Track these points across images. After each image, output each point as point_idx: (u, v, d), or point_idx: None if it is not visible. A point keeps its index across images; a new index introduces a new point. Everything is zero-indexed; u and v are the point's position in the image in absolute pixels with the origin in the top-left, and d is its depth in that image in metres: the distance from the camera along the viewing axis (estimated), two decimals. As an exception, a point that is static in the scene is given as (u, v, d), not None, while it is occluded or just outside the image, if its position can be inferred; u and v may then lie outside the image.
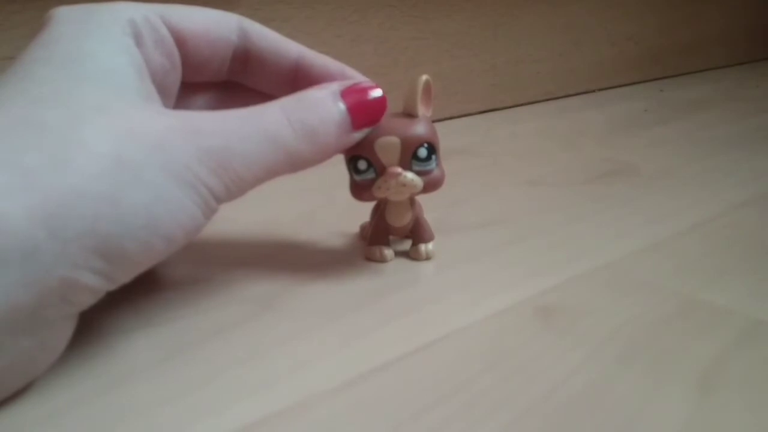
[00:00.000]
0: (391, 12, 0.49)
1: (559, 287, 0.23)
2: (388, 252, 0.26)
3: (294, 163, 0.20)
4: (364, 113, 0.22)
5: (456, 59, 0.54)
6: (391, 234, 0.26)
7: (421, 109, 0.23)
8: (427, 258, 0.26)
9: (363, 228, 0.28)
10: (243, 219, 0.30)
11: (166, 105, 0.22)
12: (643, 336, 0.20)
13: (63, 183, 0.15)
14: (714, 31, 0.80)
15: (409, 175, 0.23)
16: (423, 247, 0.26)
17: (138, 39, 0.20)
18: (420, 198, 0.25)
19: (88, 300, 0.17)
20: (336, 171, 0.26)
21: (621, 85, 0.69)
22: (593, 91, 0.66)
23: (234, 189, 0.19)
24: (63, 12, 0.19)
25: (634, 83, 0.71)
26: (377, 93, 0.22)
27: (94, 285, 0.16)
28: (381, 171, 0.23)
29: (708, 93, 0.65)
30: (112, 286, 0.17)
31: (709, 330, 0.20)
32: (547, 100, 0.62)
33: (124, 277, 0.17)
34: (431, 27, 0.51)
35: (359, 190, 0.24)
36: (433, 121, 0.24)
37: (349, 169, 0.24)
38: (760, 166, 0.38)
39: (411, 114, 0.23)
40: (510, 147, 0.45)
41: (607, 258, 0.26)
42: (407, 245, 0.26)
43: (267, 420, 0.16)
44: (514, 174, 0.38)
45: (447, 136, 0.31)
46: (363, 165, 0.23)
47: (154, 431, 0.16)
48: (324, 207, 0.32)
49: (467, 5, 0.53)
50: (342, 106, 0.21)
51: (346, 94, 0.21)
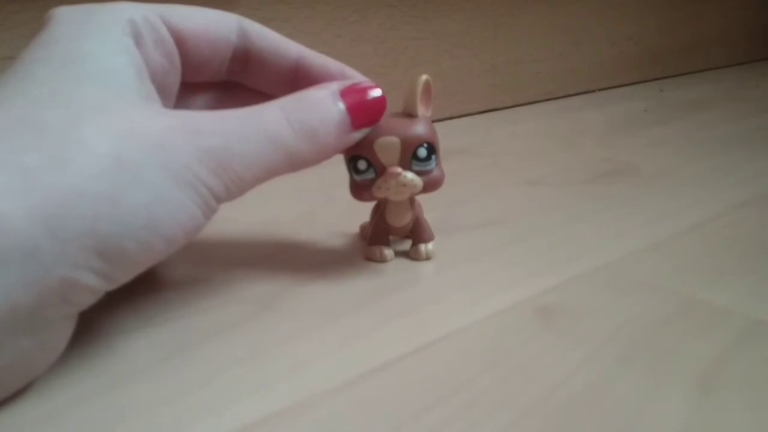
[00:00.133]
0: (391, 12, 0.49)
1: (559, 287, 0.23)
2: (388, 252, 0.26)
3: (294, 163, 0.20)
4: (363, 113, 0.22)
5: (456, 59, 0.54)
6: (391, 234, 0.26)
7: (421, 109, 0.23)
8: (427, 258, 0.26)
9: (363, 228, 0.28)
10: (243, 219, 0.30)
11: (166, 105, 0.22)
12: (643, 336, 0.20)
13: (63, 183, 0.15)
14: (714, 31, 0.80)
15: (409, 175, 0.23)
16: (423, 247, 0.26)
17: (138, 39, 0.20)
18: (420, 198, 0.25)
19: (88, 300, 0.17)
20: (336, 171, 0.26)
21: (621, 85, 0.69)
22: (593, 91, 0.66)
23: (234, 189, 0.19)
24: (63, 12, 0.19)
25: (634, 83, 0.71)
26: (377, 93, 0.22)
27: (94, 285, 0.16)
28: (381, 171, 0.23)
29: (708, 93, 0.65)
30: (112, 286, 0.17)
31: (709, 330, 0.20)
32: (547, 100, 0.62)
33: (124, 277, 0.17)
34: (431, 27, 0.51)
35: (359, 190, 0.24)
36: (433, 121, 0.24)
37: (349, 169, 0.24)
38: (760, 166, 0.38)
39: (411, 114, 0.23)
40: (510, 147, 0.45)
41: (607, 258, 0.26)
42: (407, 245, 0.26)
43: (267, 420, 0.16)
44: (514, 174, 0.38)
45: (447, 136, 0.31)
46: (363, 165, 0.23)
47: (154, 431, 0.16)
48: (324, 207, 0.32)
49: (467, 5, 0.53)
50: (342, 105, 0.21)
51: (345, 93, 0.21)
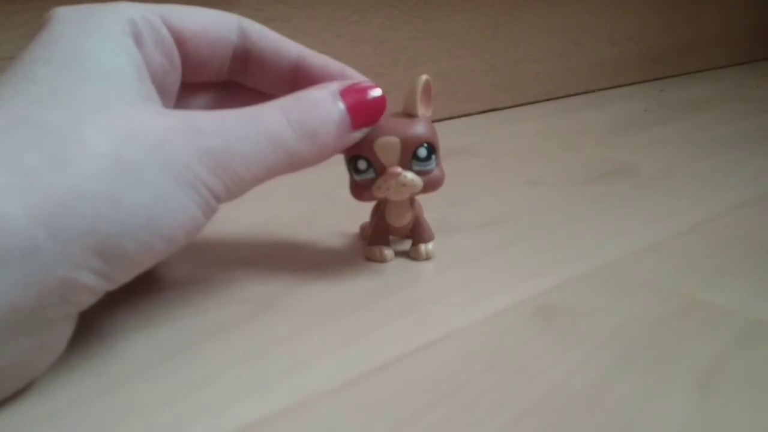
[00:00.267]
0: (391, 12, 0.49)
1: (559, 287, 0.23)
2: (388, 252, 0.26)
3: (293, 163, 0.20)
4: (363, 113, 0.22)
5: (456, 59, 0.54)
6: (391, 234, 0.26)
7: (421, 109, 0.23)
8: (427, 258, 0.26)
9: (363, 228, 0.28)
10: (243, 219, 0.30)
11: (166, 105, 0.22)
12: (643, 336, 0.20)
13: (63, 183, 0.15)
14: (714, 31, 0.80)
15: (409, 175, 0.23)
16: (423, 247, 0.26)
17: (138, 39, 0.20)
18: (420, 198, 0.25)
19: (88, 300, 0.17)
20: (336, 171, 0.26)
21: (621, 85, 0.69)
22: (593, 91, 0.66)
23: (234, 189, 0.19)
24: (63, 12, 0.19)
25: (634, 83, 0.71)
26: (377, 93, 0.22)
27: (94, 285, 0.16)
28: (381, 171, 0.23)
29: (708, 93, 0.65)
30: (112, 286, 0.17)
31: (709, 330, 0.20)
32: (547, 100, 0.62)
33: (124, 277, 0.17)
34: (431, 27, 0.51)
35: (359, 190, 0.24)
36: (433, 121, 0.24)
37: (349, 169, 0.24)
38: (760, 166, 0.38)
39: (411, 114, 0.23)
40: (510, 147, 0.45)
41: (607, 258, 0.26)
42: (407, 245, 0.26)
43: (267, 420, 0.16)
44: (514, 174, 0.38)
45: (447, 136, 0.31)
46: (363, 165, 0.23)
47: (154, 431, 0.16)
48: (324, 207, 0.32)
49: (467, 5, 0.53)
50: (341, 105, 0.21)
51: (345, 93, 0.21)
